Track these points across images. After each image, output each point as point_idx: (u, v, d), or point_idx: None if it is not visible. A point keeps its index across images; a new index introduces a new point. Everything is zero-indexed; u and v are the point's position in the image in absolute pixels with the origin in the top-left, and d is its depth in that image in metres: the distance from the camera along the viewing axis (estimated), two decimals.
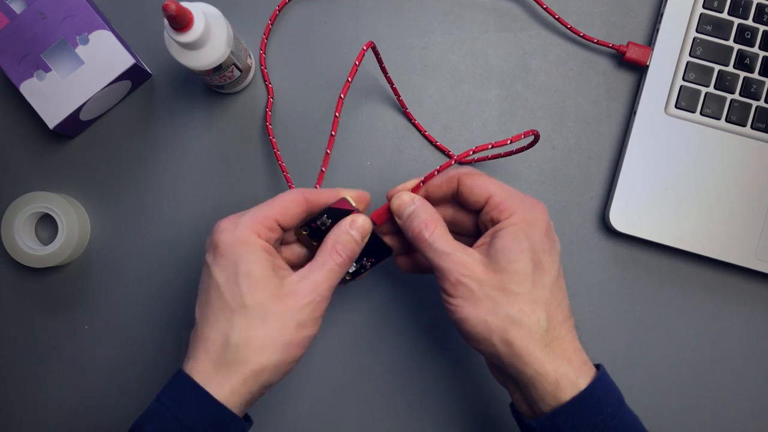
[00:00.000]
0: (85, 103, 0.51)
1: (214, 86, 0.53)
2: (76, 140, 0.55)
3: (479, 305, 0.39)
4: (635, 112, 0.53)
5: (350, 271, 0.45)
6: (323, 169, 0.45)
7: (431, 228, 0.41)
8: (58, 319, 0.54)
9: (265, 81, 0.55)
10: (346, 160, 0.55)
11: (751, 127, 0.53)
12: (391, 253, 0.44)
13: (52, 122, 0.51)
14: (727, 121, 0.53)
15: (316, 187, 0.45)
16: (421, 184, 0.44)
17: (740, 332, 0.54)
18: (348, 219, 0.42)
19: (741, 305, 0.54)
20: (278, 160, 0.53)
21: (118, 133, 0.55)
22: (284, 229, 0.42)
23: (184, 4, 0.43)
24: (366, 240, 0.43)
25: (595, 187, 0.54)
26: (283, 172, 0.52)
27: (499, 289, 0.39)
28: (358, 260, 0.45)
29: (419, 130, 0.55)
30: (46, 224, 0.55)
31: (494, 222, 0.41)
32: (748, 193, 0.52)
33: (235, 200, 0.54)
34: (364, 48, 0.44)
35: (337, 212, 0.43)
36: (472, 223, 0.45)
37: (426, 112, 0.55)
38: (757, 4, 0.53)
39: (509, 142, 0.44)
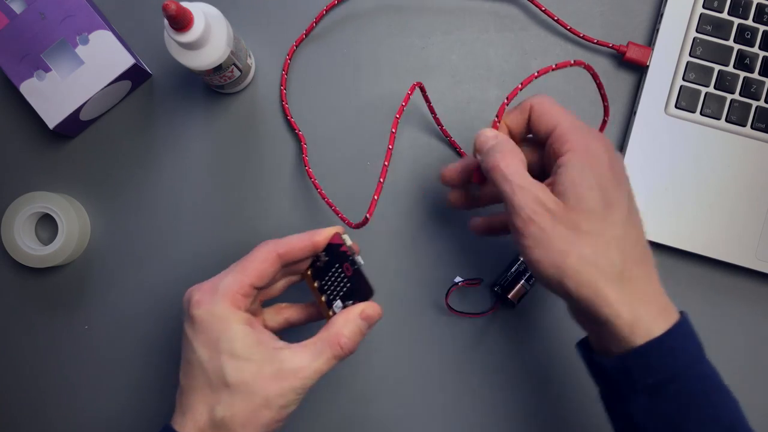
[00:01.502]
0: (85, 103, 0.51)
1: (214, 86, 0.53)
2: (76, 140, 0.55)
3: (551, 246, 0.37)
4: (635, 112, 0.53)
5: (335, 314, 0.43)
6: (375, 197, 0.45)
7: (507, 159, 0.39)
8: (58, 319, 0.54)
9: (294, 129, 0.54)
10: (346, 160, 0.55)
11: (751, 127, 0.53)
12: (372, 295, 0.42)
13: (52, 122, 0.51)
14: (727, 121, 0.53)
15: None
16: (496, 119, 0.43)
17: (740, 332, 0.54)
18: (359, 307, 0.41)
19: (741, 305, 0.54)
20: (324, 198, 0.51)
21: (118, 133, 0.55)
22: (260, 289, 0.42)
23: (184, 4, 0.43)
24: (371, 328, 0.42)
25: None
26: (330, 206, 0.51)
27: (570, 227, 0.37)
28: (343, 302, 0.43)
29: (445, 136, 0.55)
30: (46, 224, 0.55)
31: (557, 154, 0.39)
32: (748, 193, 0.52)
33: (235, 200, 0.54)
34: (410, 93, 0.46)
35: (333, 248, 0.43)
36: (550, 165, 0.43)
37: (426, 113, 0.55)
38: (757, 4, 0.53)
39: (554, 67, 0.43)
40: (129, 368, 0.54)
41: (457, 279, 0.51)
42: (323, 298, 0.44)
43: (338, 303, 0.43)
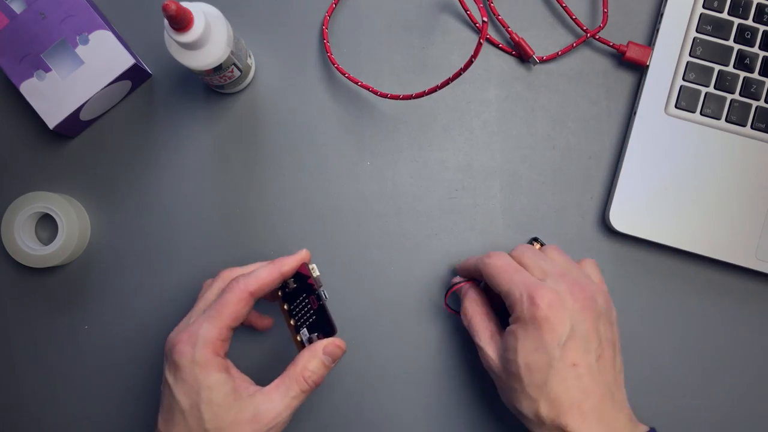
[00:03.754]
0: (85, 103, 0.51)
1: (214, 86, 0.53)
2: (76, 140, 0.55)
3: (504, 394, 0.45)
4: (635, 112, 0.53)
5: (301, 340, 0.46)
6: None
7: (472, 317, 0.47)
8: (58, 319, 0.54)
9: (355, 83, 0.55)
10: (346, 160, 0.55)
11: (751, 127, 0.53)
12: (335, 333, 0.45)
13: (52, 122, 0.51)
14: (727, 121, 0.53)
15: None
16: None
17: (740, 332, 0.54)
18: (322, 343, 0.45)
19: (741, 305, 0.54)
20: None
21: (118, 133, 0.55)
22: (236, 328, 0.44)
23: (184, 4, 0.43)
24: (336, 362, 0.45)
25: (595, 187, 0.54)
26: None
27: (506, 384, 0.43)
28: (309, 332, 0.46)
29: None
30: (46, 224, 0.55)
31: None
32: (748, 193, 0.52)
33: (235, 200, 0.54)
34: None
35: (301, 277, 0.46)
36: None
37: (426, 113, 0.55)
38: (757, 4, 0.53)
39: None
40: (129, 368, 0.54)
41: (457, 279, 0.51)
42: (292, 322, 0.47)
43: (305, 331, 0.46)
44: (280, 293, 0.47)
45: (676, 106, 0.53)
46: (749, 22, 0.53)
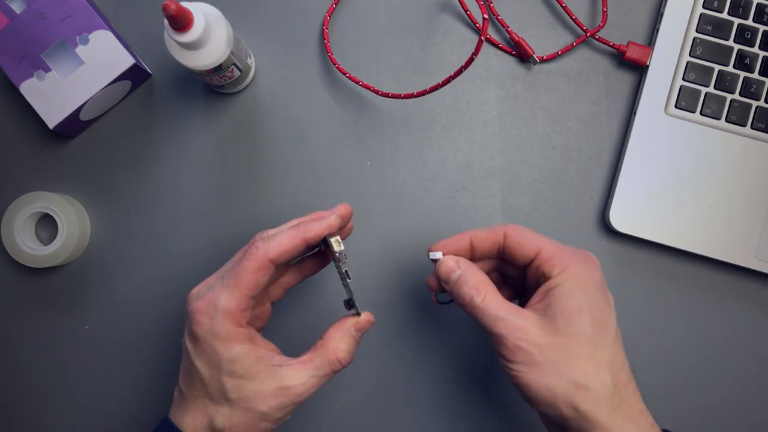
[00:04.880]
0: (85, 103, 0.51)
1: (214, 86, 0.53)
2: (76, 140, 0.55)
3: (541, 370, 0.37)
4: (635, 112, 0.53)
5: (347, 282, 0.42)
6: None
7: (482, 293, 0.40)
8: (58, 319, 0.54)
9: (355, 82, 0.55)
10: (345, 160, 0.55)
11: (751, 127, 0.53)
12: (359, 314, 0.42)
13: (52, 122, 0.51)
14: (727, 121, 0.53)
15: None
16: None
17: (740, 332, 0.54)
18: (352, 320, 0.42)
19: (741, 305, 0.54)
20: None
21: (118, 133, 0.55)
22: (257, 296, 0.41)
23: (184, 4, 0.43)
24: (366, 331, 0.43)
25: (595, 187, 0.54)
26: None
27: (560, 352, 0.37)
28: (345, 288, 0.42)
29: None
30: (46, 224, 0.55)
31: (546, 277, 0.40)
32: (748, 193, 0.52)
33: (235, 200, 0.54)
34: None
35: (326, 243, 0.42)
36: (518, 276, 0.45)
37: (426, 112, 0.55)
38: (757, 4, 0.53)
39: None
40: (129, 368, 0.54)
41: (435, 255, 0.44)
42: (344, 268, 0.42)
43: (350, 284, 0.42)
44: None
45: (676, 106, 0.53)
46: (749, 22, 0.53)
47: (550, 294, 0.39)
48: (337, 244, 0.42)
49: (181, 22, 0.43)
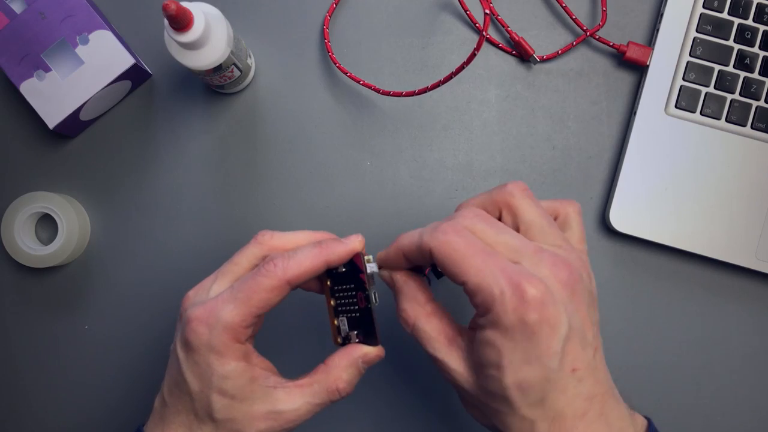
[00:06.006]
0: (85, 103, 0.51)
1: (214, 86, 0.53)
2: (76, 140, 0.55)
3: (480, 414, 0.37)
4: (635, 112, 0.53)
5: (338, 326, 0.40)
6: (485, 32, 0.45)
7: (409, 323, 0.38)
8: (58, 319, 0.54)
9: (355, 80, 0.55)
10: (346, 159, 0.55)
11: (751, 127, 0.53)
12: (377, 345, 0.40)
13: (52, 122, 0.51)
14: (727, 121, 0.53)
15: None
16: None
17: (740, 332, 0.54)
18: (362, 350, 0.39)
19: (741, 305, 0.54)
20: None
21: (118, 133, 0.55)
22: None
23: (184, 4, 0.43)
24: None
25: (595, 187, 0.54)
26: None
27: (483, 402, 0.35)
28: (349, 326, 0.40)
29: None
30: (46, 224, 0.55)
31: (474, 320, 0.36)
32: (748, 193, 0.52)
33: (235, 200, 0.54)
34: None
35: (353, 265, 0.39)
36: None
37: (426, 112, 0.55)
38: (757, 4, 0.53)
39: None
40: (129, 368, 0.54)
41: (384, 273, 0.41)
42: (333, 303, 0.41)
43: (344, 321, 0.40)
44: (328, 282, 0.41)
45: (676, 106, 0.53)
46: (749, 22, 0.53)
47: (476, 334, 0.34)
48: (370, 264, 0.39)
49: (181, 22, 0.43)
